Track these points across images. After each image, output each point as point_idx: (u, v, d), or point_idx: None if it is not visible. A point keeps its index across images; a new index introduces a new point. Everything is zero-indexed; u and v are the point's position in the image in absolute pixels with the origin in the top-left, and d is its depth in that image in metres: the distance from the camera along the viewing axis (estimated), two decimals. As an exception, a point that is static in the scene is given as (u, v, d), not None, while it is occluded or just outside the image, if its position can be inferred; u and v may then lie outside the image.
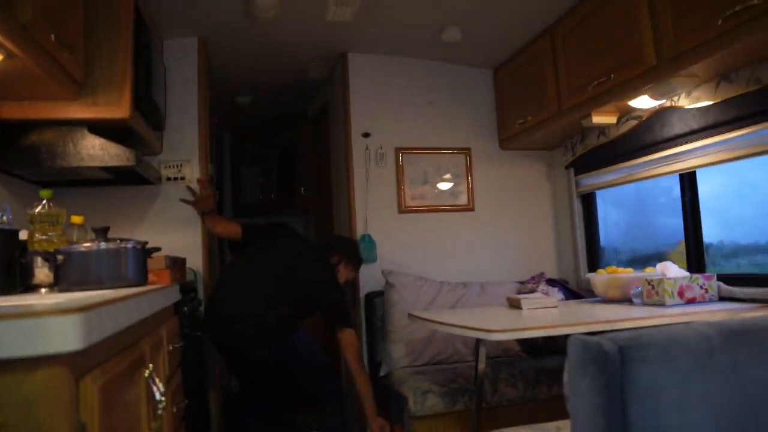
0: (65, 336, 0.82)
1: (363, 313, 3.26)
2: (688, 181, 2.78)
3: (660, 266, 2.53)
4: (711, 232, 2.72)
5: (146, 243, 1.90)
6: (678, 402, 1.11)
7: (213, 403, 2.86)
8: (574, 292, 3.15)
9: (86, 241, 1.76)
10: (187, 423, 2.11)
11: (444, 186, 3.56)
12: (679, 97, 2.53)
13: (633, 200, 3.38)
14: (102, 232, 1.83)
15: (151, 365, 1.43)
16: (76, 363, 0.88)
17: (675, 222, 2.86)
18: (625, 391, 1.09)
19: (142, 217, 2.91)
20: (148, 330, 1.50)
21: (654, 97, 2.51)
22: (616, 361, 1.09)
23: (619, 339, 1.11)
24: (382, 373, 2.94)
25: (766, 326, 1.22)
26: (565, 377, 1.21)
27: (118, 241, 1.79)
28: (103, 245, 1.75)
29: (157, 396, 1.42)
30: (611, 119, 2.91)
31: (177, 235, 2.93)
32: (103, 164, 2.15)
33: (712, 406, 1.14)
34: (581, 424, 1.16)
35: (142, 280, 1.87)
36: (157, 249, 2.11)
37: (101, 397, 0.95)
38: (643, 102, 2.62)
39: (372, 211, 3.41)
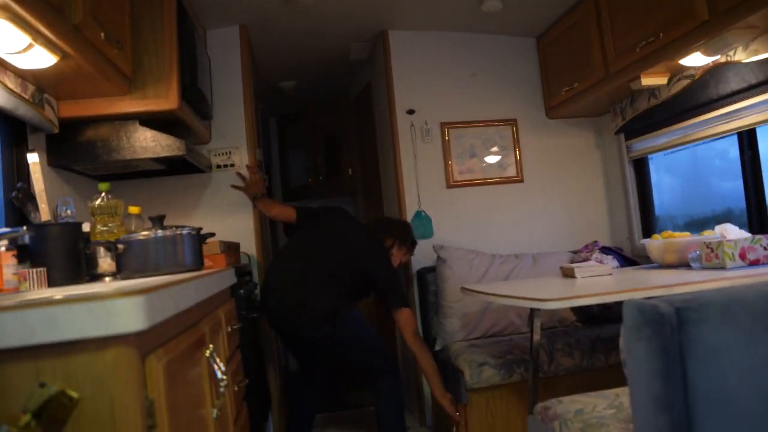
0: (130, 317, 0.87)
1: (416, 289, 3.28)
2: (748, 139, 2.66)
3: (719, 228, 2.44)
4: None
5: (200, 229, 1.96)
6: (741, 364, 1.08)
7: (272, 381, 2.94)
8: (629, 259, 3.08)
9: (144, 230, 1.83)
10: (249, 401, 2.19)
11: (491, 158, 3.53)
12: (735, 52, 2.42)
13: (687, 166, 3.26)
14: (158, 221, 1.89)
15: (211, 345, 1.48)
16: (141, 342, 0.92)
17: (733, 185, 2.76)
18: (684, 354, 1.07)
19: (195, 205, 2.99)
20: (207, 311, 1.55)
21: (707, 53, 2.41)
22: (673, 324, 1.06)
23: (676, 301, 1.08)
24: (437, 348, 2.96)
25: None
26: (622, 342, 1.20)
27: (174, 229, 1.86)
28: (159, 233, 1.82)
29: (219, 375, 1.47)
30: (662, 80, 2.81)
31: (229, 221, 3.00)
32: (155, 155, 2.21)
33: (762, 375, 1.11)
34: (639, 388, 1.14)
35: (199, 264, 1.93)
36: (212, 235, 2.17)
37: (166, 375, 0.99)
38: (696, 59, 2.51)
39: (421, 188, 3.41)
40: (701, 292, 1.13)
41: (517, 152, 3.55)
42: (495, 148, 3.53)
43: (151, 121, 2.24)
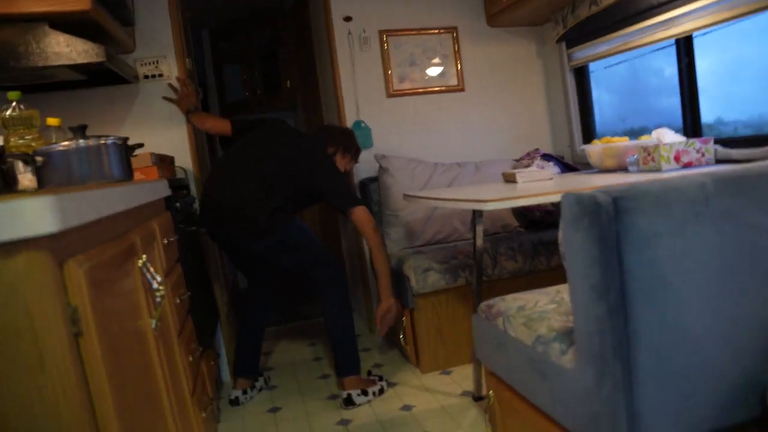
0: (39, 218, 0.80)
1: (359, 201, 3.26)
2: (685, 46, 2.67)
3: (656, 133, 2.48)
4: (706, 112, 2.65)
5: (127, 139, 1.85)
6: (674, 250, 1.11)
7: (219, 296, 2.91)
8: (570, 165, 3.12)
9: (62, 140, 1.71)
10: (195, 315, 2.16)
11: (432, 67, 3.44)
12: (676, -50, 2.37)
13: (625, 84, 3.27)
14: (80, 130, 1.76)
15: (144, 256, 1.42)
16: (57, 247, 0.86)
17: (669, 102, 2.79)
18: (621, 243, 1.08)
19: (124, 118, 2.82)
20: (137, 222, 1.48)
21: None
22: (610, 213, 1.07)
23: (613, 191, 1.09)
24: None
25: (762, 172, 1.20)
26: (561, 236, 1.21)
27: (97, 138, 1.74)
28: (82, 143, 1.70)
29: (154, 285, 1.42)
30: (603, -17, 2.75)
31: (162, 134, 2.86)
32: (71, 62, 2.04)
33: (708, 251, 1.14)
34: (577, 278, 1.16)
35: (128, 176, 1.83)
36: (140, 145, 2.06)
37: (89, 281, 0.94)
38: (638, -42, 2.46)
39: (360, 98, 3.32)
40: (637, 183, 1.14)
41: (458, 61, 3.47)
42: (435, 57, 3.44)
43: (63, 24, 2.05)
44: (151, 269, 1.42)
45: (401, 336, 2.82)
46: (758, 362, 1.20)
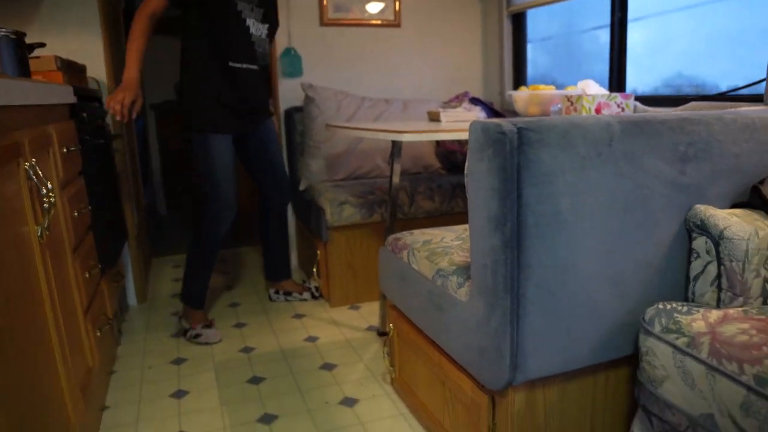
0: None
1: (283, 128, 3.18)
2: (620, 0, 2.69)
3: (581, 84, 2.51)
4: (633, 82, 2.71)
5: (24, 34, 1.70)
6: (572, 186, 1.12)
7: (129, 216, 2.80)
8: (498, 112, 3.13)
9: (-50, 29, 1.55)
10: (97, 232, 2.06)
11: (370, 2, 3.34)
12: None
13: (561, 47, 3.28)
14: (-31, 20, 1.61)
15: (33, 160, 1.33)
16: None
17: (602, 69, 2.83)
18: (522, 174, 1.08)
19: (30, 20, 2.59)
20: (26, 122, 1.37)
21: None
22: (513, 143, 1.06)
23: (519, 122, 1.08)
24: (301, 188, 2.93)
25: (665, 120, 1.22)
26: (466, 166, 1.20)
27: (-12, 30, 1.59)
28: (-31, 32, 1.55)
29: (43, 191, 1.34)
30: (548, -76, 2.71)
31: (75, 41, 2.65)
32: (-35, -58, 1.84)
33: (605, 192, 1.16)
34: (477, 208, 1.16)
35: (23, 76, 1.69)
36: (41, 45, 1.91)
37: (-48, 171, 0.86)
38: None
39: (293, 25, 3.19)
40: (545, 118, 1.14)
41: (399, -6, 3.38)
42: (376, -12, 3.33)
43: None
44: (40, 174, 1.33)
45: (314, 269, 2.81)
46: (639, 304, 1.25)
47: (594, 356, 1.25)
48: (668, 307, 1.15)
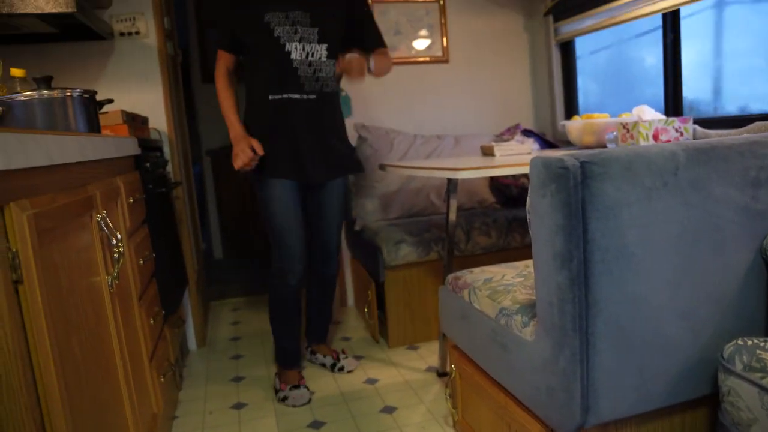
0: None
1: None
2: (671, 21, 2.64)
3: (636, 110, 2.47)
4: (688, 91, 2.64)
5: (95, 93, 1.79)
6: (639, 219, 1.09)
7: (189, 262, 2.87)
8: (551, 142, 3.10)
9: (27, 91, 1.65)
10: (160, 278, 2.12)
11: (417, 37, 3.39)
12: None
13: (609, 72, 3.25)
14: (44, 82, 1.71)
15: (104, 211, 1.38)
16: (-4, 187, 0.82)
17: (652, 92, 2.78)
18: (586, 209, 1.06)
19: (97, 76, 2.74)
20: (98, 175, 1.43)
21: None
22: (577, 178, 1.04)
23: (582, 155, 1.06)
24: (357, 228, 2.95)
25: (732, 145, 1.18)
26: (528, 202, 1.18)
27: (62, 90, 1.68)
28: (45, 93, 1.64)
29: (113, 242, 1.38)
30: (593, -45, 2.71)
31: (137, 94, 2.79)
32: (38, 10, 1.96)
33: (673, 223, 1.12)
34: (542, 245, 1.14)
35: (93, 132, 1.77)
36: (109, 101, 2.00)
37: (34, 228, 0.90)
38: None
39: (343, 67, 3.26)
40: (607, 149, 1.11)
41: (444, 31, 3.42)
42: (421, 27, 3.38)
43: (32, -29, 1.97)
44: (111, 225, 1.38)
45: (366, 309, 2.80)
46: (714, 339, 1.19)
47: (669, 396, 1.19)
48: (749, 343, 1.09)
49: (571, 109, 3.41)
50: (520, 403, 1.38)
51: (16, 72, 1.90)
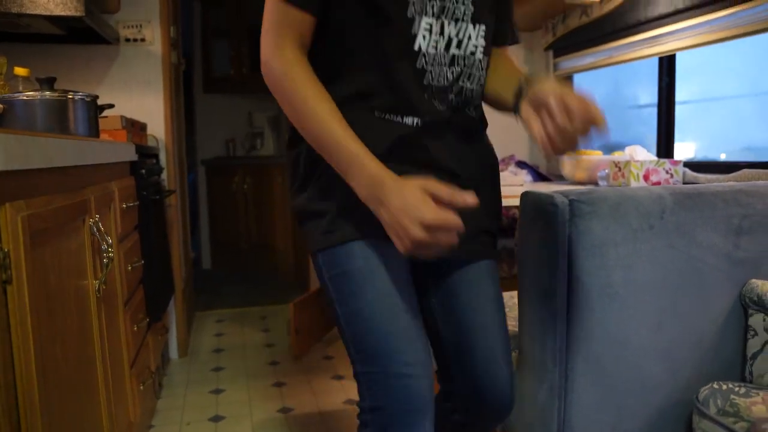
0: (-25, 155, 0.77)
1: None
2: (667, 66, 2.70)
3: (629, 149, 2.51)
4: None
5: (96, 97, 1.81)
6: (625, 259, 1.11)
7: (177, 270, 2.87)
8: (544, 176, 3.14)
9: (30, 91, 1.66)
10: (147, 285, 2.12)
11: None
12: (667, -28, 2.40)
13: (608, 111, 3.31)
14: (47, 83, 1.72)
15: (97, 216, 1.39)
16: (-7, 187, 0.83)
17: (645, 130, 2.84)
18: (573, 246, 1.08)
19: (100, 79, 2.76)
20: (93, 180, 1.44)
21: (641, -30, 2.37)
22: (565, 215, 1.07)
23: (571, 193, 1.08)
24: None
25: (717, 192, 1.21)
26: (516, 234, 1.20)
27: (64, 92, 1.70)
28: (47, 95, 1.66)
29: (103, 246, 1.39)
30: (596, -4, 2.78)
31: (138, 100, 2.81)
32: (47, 12, 1.99)
33: (657, 265, 1.14)
34: (527, 278, 1.16)
35: (93, 136, 1.79)
36: (110, 106, 2.02)
37: (26, 229, 0.91)
38: (630, -24, 2.48)
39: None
40: (596, 188, 1.14)
41: (447, 60, 3.47)
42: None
43: (44, -27, 2.00)
44: (102, 230, 1.39)
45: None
46: (691, 382, 1.21)
47: (646, 435, 1.21)
48: (724, 387, 1.11)
49: (566, 143, 3.45)
50: (498, 433, 1.39)
51: (20, 71, 1.92)
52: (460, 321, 1.11)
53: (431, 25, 1.01)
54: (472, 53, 1.07)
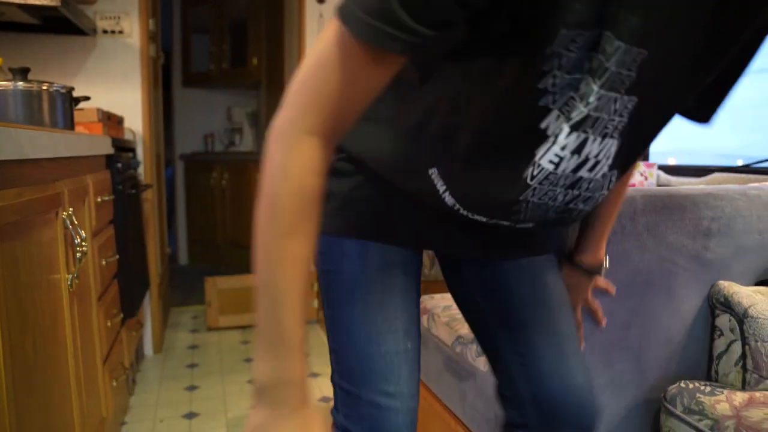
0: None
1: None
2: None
3: (605, 152, 2.55)
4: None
5: (72, 89, 1.79)
6: (595, 260, 1.12)
7: (153, 266, 2.84)
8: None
9: (2, 80, 1.64)
10: (122, 280, 2.10)
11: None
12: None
13: None
14: (20, 73, 1.70)
15: (71, 209, 1.37)
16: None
17: None
18: (545, 247, 1.09)
19: (77, 71, 2.72)
20: (67, 173, 1.43)
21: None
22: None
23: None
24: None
25: (688, 194, 1.23)
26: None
27: (38, 83, 1.67)
28: (20, 85, 1.64)
29: (77, 240, 1.38)
30: None
31: (115, 93, 2.77)
32: (22, 1, 1.96)
33: (628, 265, 1.16)
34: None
35: (68, 128, 1.77)
36: (86, 98, 1.99)
37: (-3, 221, 0.90)
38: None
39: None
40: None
41: (427, 59, 3.49)
42: (405, 53, 3.44)
43: (20, -38, 1.97)
44: (76, 223, 1.38)
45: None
46: (660, 381, 1.23)
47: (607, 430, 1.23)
48: (690, 386, 1.13)
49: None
50: (470, 431, 1.40)
51: (-7, 61, 1.89)
52: (517, 318, 0.95)
53: (567, 138, 0.69)
54: (604, 176, 0.75)
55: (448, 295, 1.77)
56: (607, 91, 0.65)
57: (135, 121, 2.82)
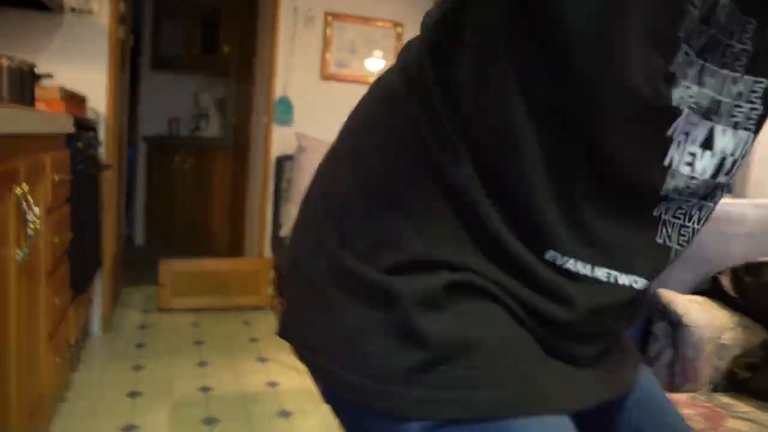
0: None
1: (272, 175, 3.29)
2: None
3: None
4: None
5: (33, 65, 1.80)
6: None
7: (108, 246, 2.84)
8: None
9: (-37, 53, 1.64)
10: (74, 258, 2.10)
11: (371, 59, 3.49)
12: None
13: None
14: (-17, 47, 1.70)
15: (26, 186, 1.40)
16: None
17: None
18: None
19: (40, 49, 2.70)
20: (25, 149, 1.45)
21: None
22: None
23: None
24: (282, 234, 3.01)
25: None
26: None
27: None
28: (-20, 59, 1.64)
29: (30, 217, 1.40)
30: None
31: (80, 72, 2.75)
32: (-11, -26, 1.96)
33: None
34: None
35: (27, 104, 1.78)
36: (49, 75, 2.00)
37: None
38: None
39: (294, 75, 3.34)
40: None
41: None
42: (377, 50, 3.50)
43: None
44: (30, 201, 1.40)
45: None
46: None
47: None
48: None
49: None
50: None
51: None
52: None
53: (707, 133, 0.54)
54: (723, 168, 0.57)
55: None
56: (717, 66, 0.51)
57: (99, 101, 2.81)
